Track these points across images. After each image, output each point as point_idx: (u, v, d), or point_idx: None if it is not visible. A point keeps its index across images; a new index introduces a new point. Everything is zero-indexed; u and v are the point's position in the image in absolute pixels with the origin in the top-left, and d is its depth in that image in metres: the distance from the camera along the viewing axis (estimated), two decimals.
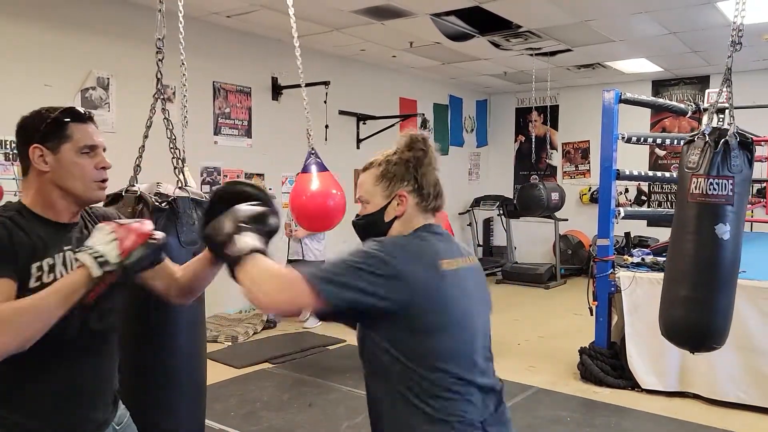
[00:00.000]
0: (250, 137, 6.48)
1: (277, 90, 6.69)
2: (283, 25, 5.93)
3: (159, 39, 2.24)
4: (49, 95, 4.81)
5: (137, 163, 2.25)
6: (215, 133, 6.16)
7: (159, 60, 2.24)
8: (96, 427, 1.52)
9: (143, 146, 2.26)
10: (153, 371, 2.02)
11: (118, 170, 1.53)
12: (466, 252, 1.50)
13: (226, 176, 6.18)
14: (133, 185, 2.08)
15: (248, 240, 1.35)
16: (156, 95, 2.27)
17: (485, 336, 1.47)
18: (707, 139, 2.41)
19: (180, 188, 2.10)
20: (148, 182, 2.15)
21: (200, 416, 2.21)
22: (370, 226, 1.47)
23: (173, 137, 2.25)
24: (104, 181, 1.48)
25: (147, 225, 1.43)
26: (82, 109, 1.49)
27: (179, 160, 2.22)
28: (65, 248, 1.44)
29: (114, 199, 2.05)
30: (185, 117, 3.10)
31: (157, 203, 1.98)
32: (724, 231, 2.36)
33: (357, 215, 1.52)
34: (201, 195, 2.17)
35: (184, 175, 2.25)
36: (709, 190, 2.36)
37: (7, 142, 4.63)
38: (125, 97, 5.33)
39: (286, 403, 4.09)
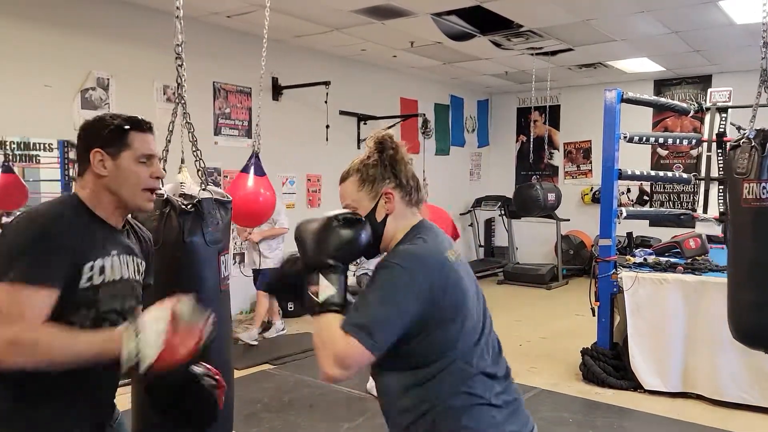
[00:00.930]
0: (251, 137, 6.46)
1: (277, 90, 6.68)
2: (283, 25, 5.93)
3: (178, 45, 2.24)
4: (49, 96, 4.81)
5: (161, 167, 2.27)
6: (215, 134, 6.16)
7: (178, 66, 2.24)
8: (101, 428, 1.54)
9: (167, 149, 2.28)
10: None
11: None
12: (451, 245, 1.55)
13: (227, 176, 6.18)
14: (160, 188, 2.11)
15: (327, 289, 1.36)
16: (177, 100, 2.28)
17: (490, 325, 1.52)
18: (753, 143, 2.39)
19: (203, 189, 2.14)
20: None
21: (229, 403, 2.24)
22: None
23: (195, 140, 2.28)
24: (155, 190, 1.54)
25: (196, 335, 1.37)
26: (143, 119, 1.54)
27: (200, 161, 2.25)
28: (113, 252, 1.48)
29: None
30: (185, 116, 3.10)
31: (183, 206, 2.02)
32: None
33: None
34: (223, 194, 2.21)
35: (206, 177, 2.25)
36: (763, 194, 2.34)
37: (8, 143, 4.61)
38: (125, 97, 5.32)
39: (286, 405, 4.07)
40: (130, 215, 1.61)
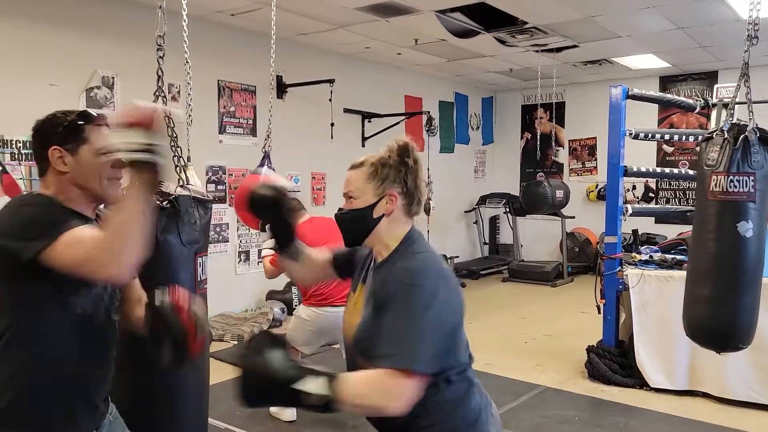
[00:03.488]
0: (255, 136, 6.46)
1: (282, 88, 6.68)
2: (288, 23, 5.92)
3: (159, 36, 2.23)
4: (55, 95, 4.81)
5: None
6: (220, 132, 6.16)
7: (159, 57, 2.22)
8: (101, 416, 1.56)
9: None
10: (153, 388, 1.99)
11: None
12: None
13: (231, 175, 6.18)
14: (121, 177, 2.09)
15: (311, 383, 1.26)
16: (157, 93, 2.25)
17: None
18: (726, 135, 2.36)
19: (181, 186, 2.08)
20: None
21: (203, 423, 2.21)
22: (357, 219, 1.51)
23: (174, 135, 2.23)
24: (120, 179, 1.54)
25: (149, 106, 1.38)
26: (95, 112, 1.55)
27: (180, 159, 2.20)
28: None
29: None
30: (190, 116, 3.09)
31: (159, 202, 1.96)
32: (747, 228, 2.31)
33: (341, 209, 1.55)
34: (203, 193, 2.15)
35: (186, 174, 2.23)
36: (730, 187, 2.31)
37: (14, 142, 4.63)
38: (130, 96, 5.32)
39: None
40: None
